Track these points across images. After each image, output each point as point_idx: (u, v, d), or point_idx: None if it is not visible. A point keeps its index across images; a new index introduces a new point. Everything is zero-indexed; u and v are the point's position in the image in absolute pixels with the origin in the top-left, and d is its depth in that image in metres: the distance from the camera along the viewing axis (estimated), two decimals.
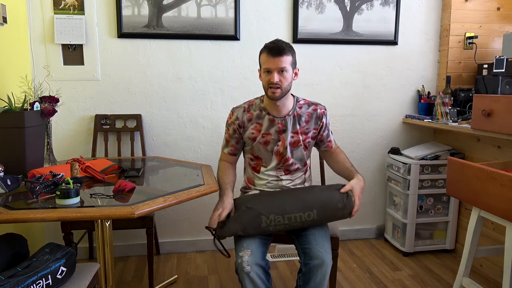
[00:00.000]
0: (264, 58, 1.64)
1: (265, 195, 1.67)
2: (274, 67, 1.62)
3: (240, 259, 1.48)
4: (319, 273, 1.49)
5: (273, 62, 1.62)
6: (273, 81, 1.62)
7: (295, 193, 1.64)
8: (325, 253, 1.52)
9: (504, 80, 2.29)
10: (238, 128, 1.77)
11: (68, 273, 1.37)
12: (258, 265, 1.48)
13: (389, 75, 2.76)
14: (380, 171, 2.86)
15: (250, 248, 1.51)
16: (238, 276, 1.49)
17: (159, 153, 2.58)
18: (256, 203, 1.58)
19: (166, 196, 1.48)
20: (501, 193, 1.54)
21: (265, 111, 1.75)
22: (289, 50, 1.65)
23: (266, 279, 1.49)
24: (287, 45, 1.65)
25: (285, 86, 1.65)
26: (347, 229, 2.86)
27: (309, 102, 1.80)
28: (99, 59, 2.43)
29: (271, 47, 1.63)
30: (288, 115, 1.75)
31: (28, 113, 1.73)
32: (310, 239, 1.58)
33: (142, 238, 2.57)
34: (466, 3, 2.62)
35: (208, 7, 2.46)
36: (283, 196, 1.62)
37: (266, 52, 1.64)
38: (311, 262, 1.51)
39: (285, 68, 1.63)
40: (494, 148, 2.29)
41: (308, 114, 1.77)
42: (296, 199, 1.59)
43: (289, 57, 1.64)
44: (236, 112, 1.78)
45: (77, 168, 1.72)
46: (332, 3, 2.59)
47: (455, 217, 2.61)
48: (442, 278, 2.34)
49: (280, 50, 1.61)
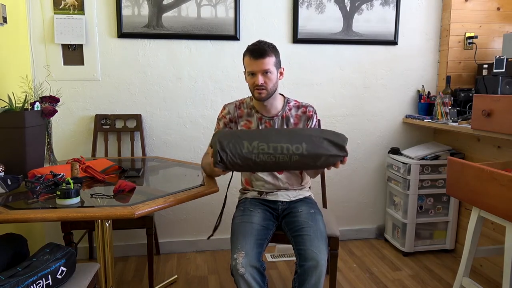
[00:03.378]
0: (248, 61, 1.65)
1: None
2: (257, 69, 1.63)
3: (234, 261, 1.48)
4: (314, 275, 1.48)
5: (256, 64, 1.62)
6: (258, 83, 1.63)
7: (286, 129, 1.59)
8: (319, 254, 1.51)
9: (504, 80, 2.29)
10: (229, 122, 1.78)
11: (68, 273, 1.37)
12: (253, 267, 1.47)
13: (389, 75, 2.76)
14: (380, 171, 2.86)
15: (244, 250, 1.50)
16: (233, 278, 1.49)
17: (159, 153, 2.58)
18: (242, 132, 1.51)
19: (166, 196, 1.47)
20: (501, 193, 1.54)
21: (254, 109, 1.77)
22: (272, 51, 1.65)
23: (261, 280, 1.48)
24: (269, 46, 1.64)
25: (270, 87, 1.66)
26: (347, 229, 2.86)
27: (299, 104, 1.81)
28: (99, 59, 2.43)
29: (253, 49, 1.63)
30: (276, 115, 1.76)
31: (28, 113, 1.73)
32: (305, 240, 1.57)
33: (142, 238, 2.58)
34: (466, 3, 2.62)
35: (208, 7, 2.47)
36: (272, 130, 1.58)
37: (248, 55, 1.64)
38: (305, 264, 1.50)
39: (269, 69, 1.63)
40: (494, 148, 2.29)
41: (297, 116, 1.78)
42: (286, 131, 1.51)
43: (272, 58, 1.64)
44: (228, 107, 1.80)
45: (77, 168, 1.72)
46: (332, 3, 2.59)
47: (455, 217, 2.61)
48: (442, 278, 2.34)
49: (262, 52, 1.62)
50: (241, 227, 1.64)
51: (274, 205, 1.81)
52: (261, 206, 1.78)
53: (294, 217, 1.71)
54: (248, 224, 1.65)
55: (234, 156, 1.42)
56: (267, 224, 1.69)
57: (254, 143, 1.43)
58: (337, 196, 2.81)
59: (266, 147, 1.42)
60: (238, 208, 1.84)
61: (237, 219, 1.72)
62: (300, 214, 1.71)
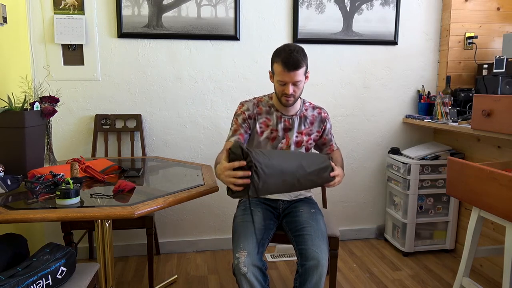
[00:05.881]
0: (279, 70, 1.62)
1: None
2: (289, 80, 1.63)
3: (236, 260, 1.48)
4: (315, 274, 1.49)
5: (289, 76, 1.61)
6: (287, 92, 1.65)
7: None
8: (320, 253, 1.52)
9: (504, 80, 2.29)
10: (248, 118, 1.76)
11: (68, 273, 1.37)
12: (255, 266, 1.47)
13: (389, 75, 2.76)
14: (380, 171, 2.86)
15: (246, 249, 1.51)
16: (235, 278, 1.50)
17: (159, 153, 2.58)
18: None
19: (166, 196, 1.48)
20: (501, 193, 1.54)
21: (274, 108, 1.79)
22: (304, 60, 1.62)
23: (263, 279, 1.49)
24: (301, 55, 1.61)
25: (298, 95, 1.70)
26: (347, 229, 2.86)
27: (314, 105, 1.86)
28: (99, 59, 2.43)
29: (287, 61, 1.59)
30: (295, 114, 1.79)
31: (28, 113, 1.73)
32: (306, 240, 1.58)
33: (142, 238, 2.58)
34: (466, 3, 2.62)
35: (208, 7, 2.46)
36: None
37: (282, 65, 1.60)
38: (307, 263, 1.51)
39: (300, 80, 1.64)
40: (494, 148, 2.29)
41: (313, 116, 1.83)
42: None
43: (304, 68, 1.64)
44: (247, 104, 1.79)
45: (77, 168, 1.72)
46: (332, 3, 2.59)
47: (455, 217, 2.61)
48: (442, 278, 2.34)
49: (296, 65, 1.59)
50: (243, 227, 1.64)
51: (275, 204, 1.82)
52: (262, 206, 1.79)
53: (295, 217, 1.71)
54: (249, 224, 1.65)
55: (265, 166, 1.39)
56: (268, 224, 1.70)
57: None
58: (337, 196, 2.81)
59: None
60: (239, 207, 1.84)
61: (238, 218, 1.73)
62: (301, 213, 1.72)
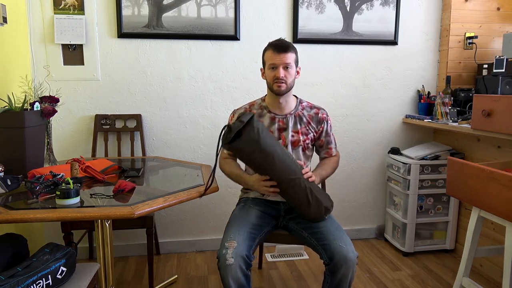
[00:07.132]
0: (270, 55, 1.72)
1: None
2: (279, 62, 1.69)
3: (225, 249, 1.48)
4: (344, 268, 1.48)
5: (279, 57, 1.69)
6: (278, 75, 1.68)
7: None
8: (345, 246, 1.51)
9: (504, 80, 2.29)
10: None
11: (68, 273, 1.37)
12: (242, 257, 1.46)
13: (389, 75, 2.76)
14: (380, 171, 2.86)
15: (236, 240, 1.51)
16: (218, 267, 1.48)
17: (159, 153, 2.58)
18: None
19: (166, 196, 1.48)
20: (501, 193, 1.54)
21: (266, 109, 1.80)
22: (293, 48, 1.74)
23: (246, 268, 1.47)
24: (291, 44, 1.74)
25: (289, 82, 1.73)
26: (347, 229, 2.86)
27: (312, 105, 1.86)
28: (99, 59, 2.43)
29: (276, 44, 1.72)
30: (289, 114, 1.79)
31: (28, 113, 1.73)
32: (326, 234, 1.57)
33: (142, 238, 2.58)
34: (466, 3, 2.62)
35: (208, 7, 2.46)
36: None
37: (271, 49, 1.72)
38: (334, 258, 1.49)
39: (290, 64, 1.71)
40: (494, 148, 2.29)
41: (309, 116, 1.82)
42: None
43: (293, 55, 1.73)
44: (237, 112, 1.81)
45: (77, 168, 1.72)
46: (332, 3, 2.59)
47: (455, 217, 2.61)
48: (442, 278, 2.34)
49: (285, 47, 1.70)
50: (237, 220, 1.67)
51: (276, 205, 1.81)
52: (261, 206, 1.79)
53: None
54: (244, 218, 1.67)
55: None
56: (263, 222, 1.70)
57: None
58: (337, 196, 2.80)
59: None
60: (238, 204, 1.85)
61: (235, 212, 1.76)
62: None
